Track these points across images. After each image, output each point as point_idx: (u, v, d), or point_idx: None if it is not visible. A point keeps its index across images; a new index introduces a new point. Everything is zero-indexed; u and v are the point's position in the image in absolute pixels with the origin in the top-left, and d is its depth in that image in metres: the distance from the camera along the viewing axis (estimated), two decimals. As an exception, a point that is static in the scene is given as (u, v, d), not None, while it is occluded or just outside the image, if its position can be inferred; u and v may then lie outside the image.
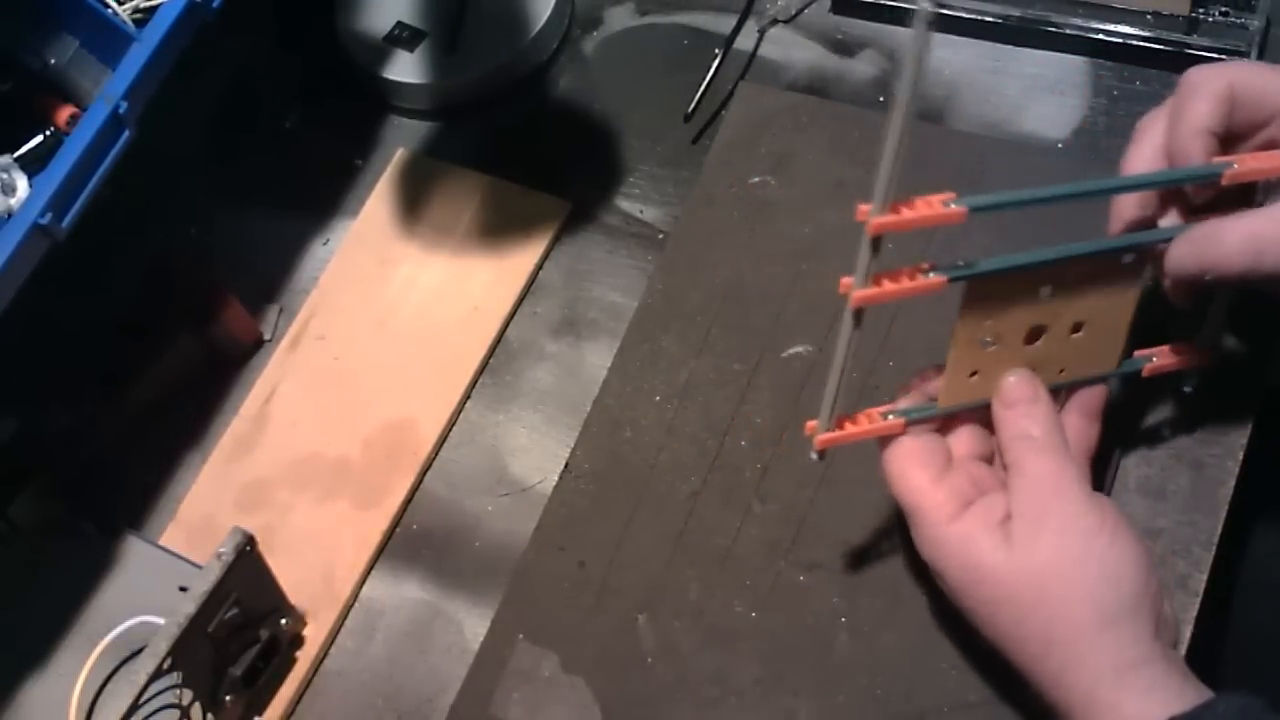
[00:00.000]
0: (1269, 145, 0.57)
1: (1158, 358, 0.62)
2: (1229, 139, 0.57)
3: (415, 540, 0.72)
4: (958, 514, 0.55)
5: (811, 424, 0.57)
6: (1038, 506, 0.55)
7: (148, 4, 0.67)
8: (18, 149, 0.69)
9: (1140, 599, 0.53)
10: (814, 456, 0.58)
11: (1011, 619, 0.54)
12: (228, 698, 0.65)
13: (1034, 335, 0.57)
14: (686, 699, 0.64)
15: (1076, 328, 0.58)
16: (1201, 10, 0.75)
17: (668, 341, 0.73)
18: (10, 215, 0.63)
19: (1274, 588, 0.83)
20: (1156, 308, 0.60)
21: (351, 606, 0.71)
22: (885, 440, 0.58)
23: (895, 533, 0.65)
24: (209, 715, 0.65)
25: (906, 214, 0.52)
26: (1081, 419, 0.59)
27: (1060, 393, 0.60)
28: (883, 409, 0.58)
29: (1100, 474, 0.62)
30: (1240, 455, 0.65)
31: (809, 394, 0.69)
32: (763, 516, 0.67)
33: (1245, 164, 0.56)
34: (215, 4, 0.67)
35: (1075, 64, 0.78)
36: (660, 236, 0.78)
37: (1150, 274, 0.57)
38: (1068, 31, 0.77)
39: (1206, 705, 0.50)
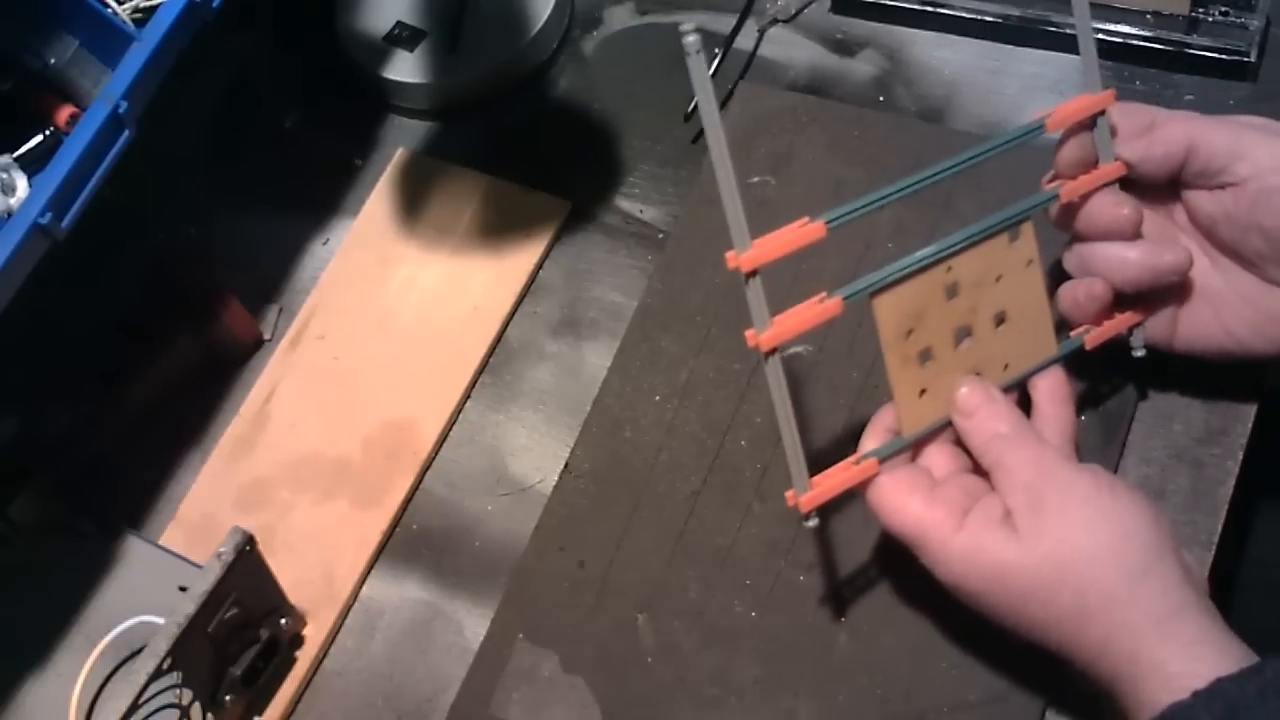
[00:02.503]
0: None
1: (1094, 329, 0.62)
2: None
3: (415, 540, 0.72)
4: (960, 525, 0.55)
5: (790, 493, 0.57)
6: (1031, 492, 0.55)
7: (148, 4, 0.67)
8: (18, 149, 0.69)
9: (1161, 548, 0.53)
10: (811, 523, 0.58)
11: (1042, 604, 0.54)
12: (228, 698, 0.65)
13: (961, 337, 0.58)
14: (686, 699, 0.64)
15: (1000, 321, 0.59)
16: (1201, 10, 0.75)
17: (668, 341, 0.73)
18: (10, 215, 0.63)
19: (1274, 587, 0.83)
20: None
21: (351, 606, 0.71)
22: (864, 485, 0.58)
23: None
24: (209, 715, 0.65)
25: (771, 243, 0.54)
26: (1053, 406, 0.59)
27: (1017, 390, 0.60)
28: (852, 457, 0.58)
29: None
30: (1240, 455, 0.65)
31: (809, 394, 0.69)
32: (763, 516, 0.67)
33: (1057, 113, 0.60)
34: (215, 4, 0.67)
35: (1075, 64, 0.77)
36: (660, 236, 0.78)
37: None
38: (1068, 31, 0.77)
39: (1254, 669, 0.49)
